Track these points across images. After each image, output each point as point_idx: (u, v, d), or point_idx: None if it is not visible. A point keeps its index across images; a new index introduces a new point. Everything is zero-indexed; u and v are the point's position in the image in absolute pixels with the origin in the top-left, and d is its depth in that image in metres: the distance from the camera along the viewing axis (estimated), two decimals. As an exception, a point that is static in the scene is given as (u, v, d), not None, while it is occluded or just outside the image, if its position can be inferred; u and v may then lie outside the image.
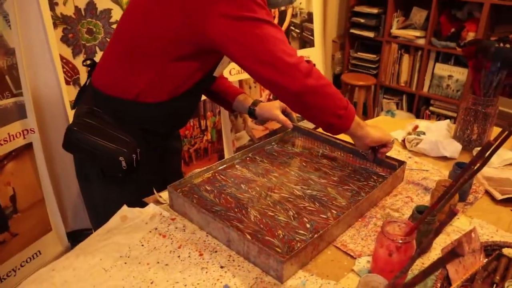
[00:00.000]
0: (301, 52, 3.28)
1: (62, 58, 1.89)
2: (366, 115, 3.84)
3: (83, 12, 1.94)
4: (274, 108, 1.38)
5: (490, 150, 0.76)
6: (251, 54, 1.00)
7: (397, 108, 3.96)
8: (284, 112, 1.41)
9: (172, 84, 1.14)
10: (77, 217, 2.19)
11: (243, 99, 1.43)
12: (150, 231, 1.08)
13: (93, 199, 1.28)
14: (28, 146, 1.87)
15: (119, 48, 1.14)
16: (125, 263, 0.98)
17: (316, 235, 0.98)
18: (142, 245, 1.03)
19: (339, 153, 1.39)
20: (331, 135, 1.34)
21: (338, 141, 1.38)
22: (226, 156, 2.80)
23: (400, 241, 0.87)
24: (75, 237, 2.15)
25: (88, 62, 1.29)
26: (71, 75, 1.94)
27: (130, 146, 1.14)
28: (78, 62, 1.95)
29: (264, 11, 1.01)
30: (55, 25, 1.86)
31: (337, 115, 1.09)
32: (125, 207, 1.14)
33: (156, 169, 1.30)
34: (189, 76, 1.14)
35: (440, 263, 0.51)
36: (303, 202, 1.17)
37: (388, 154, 1.49)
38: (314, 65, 1.06)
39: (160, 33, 1.05)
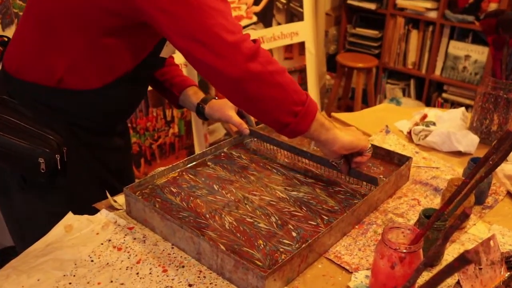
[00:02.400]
0: (288, 27, 3.30)
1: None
2: (366, 104, 3.88)
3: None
4: (228, 107, 1.35)
5: None
6: (181, 28, 0.98)
7: (404, 95, 4.01)
8: (240, 112, 1.39)
9: (102, 67, 1.12)
10: (5, 232, 2.15)
11: (193, 94, 1.40)
12: (102, 243, 1.08)
13: (15, 212, 1.26)
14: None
15: (33, 23, 1.11)
16: (70, 283, 0.97)
17: (304, 245, 0.99)
18: (92, 261, 1.03)
19: (306, 161, 1.37)
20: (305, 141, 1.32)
21: (304, 150, 1.36)
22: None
23: (405, 251, 0.88)
24: (3, 256, 2.12)
25: None
26: None
27: (53, 145, 1.12)
28: (9, 35, 1.92)
29: None
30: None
31: (292, 112, 1.05)
32: (70, 214, 1.13)
33: (94, 172, 1.28)
34: (123, 56, 1.13)
35: (447, 272, 0.52)
36: (287, 206, 1.18)
37: (391, 148, 1.52)
38: (273, 53, 1.06)
39: (78, 1, 1.04)
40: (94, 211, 1.18)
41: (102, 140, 1.28)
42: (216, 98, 1.39)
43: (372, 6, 3.86)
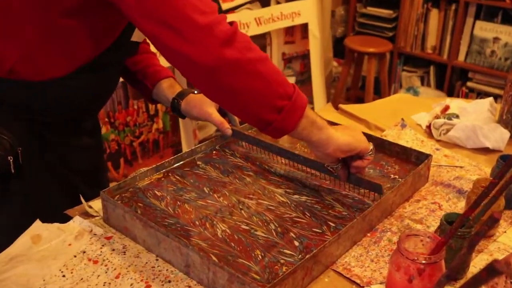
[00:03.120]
0: (289, 7, 3.30)
1: None
2: (379, 94, 3.89)
3: None
4: (207, 103, 1.33)
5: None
6: (146, 8, 0.97)
7: (422, 84, 4.02)
8: (222, 109, 1.38)
9: (61, 54, 1.12)
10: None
11: (168, 87, 1.39)
12: (76, 256, 1.08)
13: None
14: None
15: None
16: (40, 300, 0.97)
17: (308, 256, 0.99)
18: (64, 276, 1.03)
19: (298, 167, 1.35)
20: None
21: (296, 153, 1.34)
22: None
23: (424, 262, 0.89)
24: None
25: None
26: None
27: (4, 144, 1.12)
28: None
29: None
30: None
31: (275, 108, 1.03)
32: (38, 222, 1.13)
33: (58, 176, 1.28)
34: (86, 41, 1.12)
35: (473, 285, 0.52)
36: (288, 211, 1.18)
37: (407, 145, 1.52)
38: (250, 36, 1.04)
39: None
40: (65, 219, 1.18)
41: (67, 139, 1.27)
42: (196, 92, 1.37)
43: (385, -19, 3.88)
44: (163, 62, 1.38)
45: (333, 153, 1.13)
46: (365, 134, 1.48)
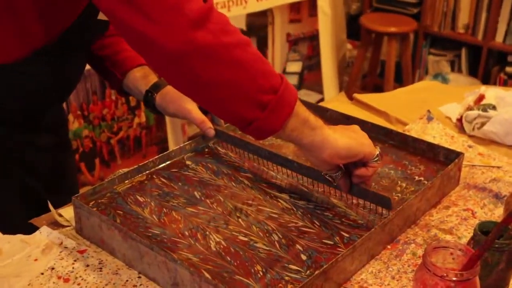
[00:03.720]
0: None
1: None
2: (400, 82, 3.89)
3: None
4: (186, 98, 1.31)
5: None
6: None
7: (452, 70, 4.02)
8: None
9: (12, 35, 1.11)
10: None
11: (141, 77, 1.37)
12: (43, 273, 1.07)
13: None
14: None
15: None
16: (1, 325, 0.97)
17: (317, 272, 0.99)
18: (30, 296, 1.03)
19: (289, 174, 1.34)
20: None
21: (289, 158, 1.32)
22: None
23: (455, 279, 0.88)
24: None
25: None
26: None
27: None
28: None
29: None
30: None
31: (258, 103, 1.01)
32: (-2, 233, 1.13)
33: (14, 181, 1.28)
34: (41, 21, 1.11)
35: None
36: (294, 219, 1.18)
37: (435, 141, 1.52)
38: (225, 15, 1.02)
39: None
40: (30, 230, 1.18)
41: (24, 137, 1.27)
42: None
43: (408, -51, 3.87)
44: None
45: (330, 159, 1.11)
46: (384, 129, 1.49)
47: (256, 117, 1.02)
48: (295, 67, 3.62)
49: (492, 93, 1.73)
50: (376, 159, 1.15)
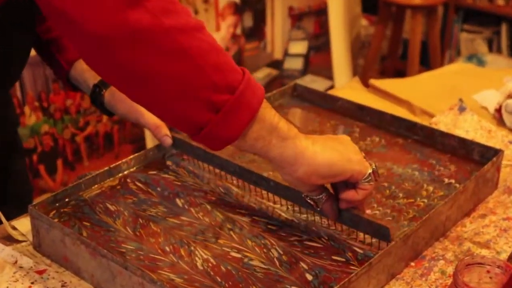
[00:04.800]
0: None
1: None
2: (427, 66, 3.89)
3: None
4: None
5: None
6: None
7: (490, 50, 4.02)
8: None
9: None
10: None
11: (89, 68, 1.34)
12: (-6, 297, 1.08)
13: None
14: None
15: None
16: None
17: (326, 295, 1.00)
18: (-22, 325, 1.03)
19: (264, 196, 1.30)
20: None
21: (265, 175, 1.28)
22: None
23: (491, 301, 0.89)
24: None
25: None
26: None
27: None
28: None
29: None
30: None
31: (210, 105, 0.97)
32: None
33: None
34: None
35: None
36: (297, 232, 1.18)
37: (468, 136, 1.52)
38: None
39: None
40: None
41: None
42: None
43: None
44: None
45: (307, 178, 1.07)
46: (406, 121, 1.49)
47: (208, 120, 0.99)
48: (299, 47, 3.62)
49: (537, 78, 1.74)
50: (368, 179, 1.10)
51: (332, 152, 1.07)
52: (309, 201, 1.14)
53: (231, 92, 0.98)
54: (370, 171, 1.10)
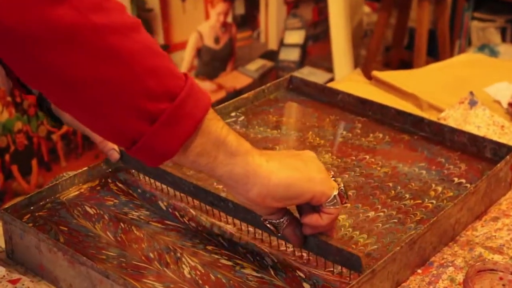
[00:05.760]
0: None
1: None
2: (435, 57, 3.90)
3: None
4: None
5: None
6: None
7: (503, 40, 4.03)
8: None
9: None
10: None
11: None
12: (-37, 309, 1.08)
13: None
14: None
15: None
16: None
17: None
18: None
19: (223, 217, 1.26)
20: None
21: (223, 196, 1.22)
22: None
23: (505, 311, 0.89)
24: None
25: None
26: None
27: None
28: None
29: None
30: None
31: (145, 113, 0.93)
32: None
33: None
34: None
35: None
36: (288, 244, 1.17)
37: (479, 132, 1.52)
38: None
39: None
40: None
41: None
42: None
43: None
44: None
45: (261, 200, 1.01)
46: (413, 116, 1.49)
47: (142, 132, 0.94)
48: (295, 37, 3.62)
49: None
50: (332, 202, 1.04)
51: (290, 170, 1.02)
52: (268, 225, 1.08)
53: (170, 99, 0.94)
54: (335, 193, 1.04)
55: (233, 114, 1.52)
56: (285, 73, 3.14)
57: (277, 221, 1.06)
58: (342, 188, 1.05)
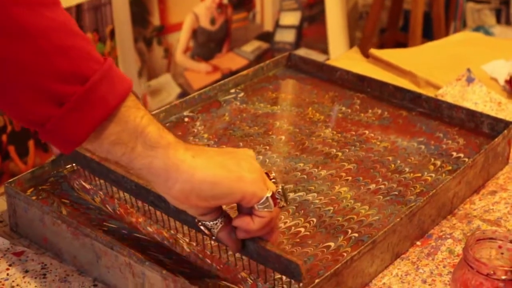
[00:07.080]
0: None
1: None
2: (430, 38, 3.89)
3: None
4: None
5: None
6: None
7: (498, 22, 4.02)
8: None
9: None
10: None
11: None
12: (-32, 282, 1.08)
13: None
14: None
15: None
16: None
17: (327, 274, 1.00)
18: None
19: (161, 218, 1.20)
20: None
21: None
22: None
23: (504, 278, 0.90)
24: None
25: None
26: None
27: None
28: None
29: None
30: None
31: (53, 95, 0.89)
32: None
33: None
34: None
35: None
36: (286, 219, 1.18)
37: (477, 108, 1.53)
38: None
39: None
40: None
41: None
42: None
43: None
44: None
45: (184, 198, 0.96)
46: (411, 92, 1.50)
47: (50, 115, 0.89)
48: (291, 18, 3.61)
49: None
50: (264, 204, 0.97)
51: (218, 168, 0.95)
52: (201, 227, 1.02)
53: (81, 82, 0.89)
54: (268, 194, 0.97)
55: (232, 90, 1.53)
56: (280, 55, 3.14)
57: (211, 223, 1.00)
58: (280, 191, 1.00)
